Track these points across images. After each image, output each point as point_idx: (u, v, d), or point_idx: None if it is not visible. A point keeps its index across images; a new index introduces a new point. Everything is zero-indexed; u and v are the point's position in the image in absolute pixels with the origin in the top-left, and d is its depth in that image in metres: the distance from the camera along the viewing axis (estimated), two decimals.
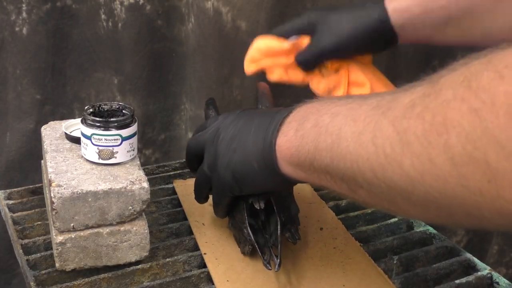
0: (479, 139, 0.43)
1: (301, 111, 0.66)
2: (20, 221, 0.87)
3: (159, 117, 1.28)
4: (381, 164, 0.51)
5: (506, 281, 0.78)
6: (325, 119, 0.60)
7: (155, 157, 1.30)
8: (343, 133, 0.56)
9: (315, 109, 0.63)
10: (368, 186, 0.54)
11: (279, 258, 0.72)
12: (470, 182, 0.44)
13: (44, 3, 1.13)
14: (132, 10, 1.17)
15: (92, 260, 0.75)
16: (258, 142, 0.67)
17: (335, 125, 0.58)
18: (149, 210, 0.88)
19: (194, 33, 1.20)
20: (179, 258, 0.79)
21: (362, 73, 0.87)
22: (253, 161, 0.68)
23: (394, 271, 0.81)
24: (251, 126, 0.70)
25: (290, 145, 0.64)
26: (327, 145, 0.58)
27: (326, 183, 0.61)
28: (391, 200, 0.53)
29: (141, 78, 1.22)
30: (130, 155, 0.79)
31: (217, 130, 0.74)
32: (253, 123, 0.70)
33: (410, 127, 0.48)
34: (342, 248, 0.81)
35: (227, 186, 0.73)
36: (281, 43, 0.88)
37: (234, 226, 0.79)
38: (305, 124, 0.63)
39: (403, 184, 0.49)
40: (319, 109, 0.62)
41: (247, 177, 0.70)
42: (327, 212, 0.89)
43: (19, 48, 1.14)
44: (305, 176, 0.64)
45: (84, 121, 0.77)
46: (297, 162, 0.64)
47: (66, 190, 0.72)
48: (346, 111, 0.58)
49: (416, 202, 0.50)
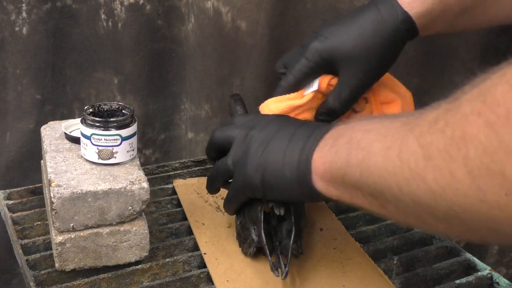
0: (496, 152, 0.43)
1: (338, 129, 0.66)
2: (20, 221, 0.87)
3: (159, 117, 1.28)
4: (406, 178, 0.51)
5: (506, 281, 0.78)
6: (358, 135, 0.60)
7: (155, 157, 1.30)
8: (373, 148, 0.57)
9: (351, 127, 0.63)
10: (396, 201, 0.55)
11: (287, 267, 0.72)
12: (488, 195, 0.44)
13: (44, 3, 1.13)
14: (132, 10, 1.17)
15: (92, 260, 0.75)
16: (295, 152, 0.67)
17: (366, 140, 0.58)
18: (149, 210, 0.88)
19: (194, 33, 1.20)
20: (179, 258, 0.79)
21: (388, 89, 0.84)
22: (286, 170, 0.68)
23: (394, 271, 0.81)
24: (288, 135, 0.69)
25: (324, 160, 0.64)
26: (358, 160, 0.59)
27: (357, 200, 0.61)
28: (417, 216, 0.53)
29: (141, 78, 1.22)
30: (130, 155, 0.78)
31: (250, 129, 0.73)
32: (291, 132, 0.70)
33: (433, 142, 0.49)
34: (342, 248, 0.81)
35: (250, 187, 0.72)
36: (296, 101, 0.80)
37: (243, 225, 0.79)
38: (340, 140, 0.63)
39: (427, 198, 0.50)
40: (354, 126, 0.63)
41: (276, 184, 0.69)
42: (327, 213, 0.89)
43: (19, 48, 1.14)
44: (336, 193, 0.64)
45: (83, 121, 0.77)
46: (330, 178, 0.64)
47: (66, 190, 0.72)
48: (378, 127, 0.58)
49: (441, 218, 0.51)
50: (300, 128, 0.70)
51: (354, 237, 0.84)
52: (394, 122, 0.57)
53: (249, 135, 0.73)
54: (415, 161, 0.50)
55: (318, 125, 0.69)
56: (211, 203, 0.90)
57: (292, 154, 0.68)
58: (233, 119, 0.78)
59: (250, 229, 0.77)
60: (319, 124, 0.70)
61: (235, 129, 0.75)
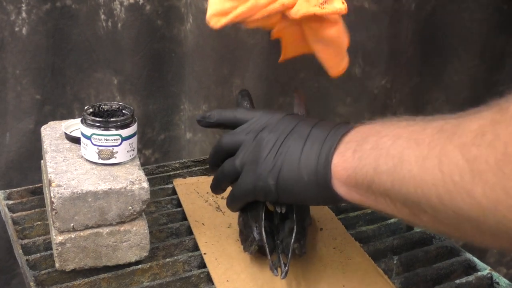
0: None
1: (360, 132, 0.64)
2: (20, 221, 0.87)
3: (158, 117, 1.28)
4: (448, 191, 0.50)
5: (506, 281, 0.78)
6: (386, 141, 0.58)
7: (154, 157, 1.30)
8: (406, 156, 0.55)
9: (375, 131, 0.62)
10: (434, 212, 0.53)
11: (287, 266, 0.71)
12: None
13: (44, 3, 1.13)
14: (131, 10, 1.17)
15: (92, 260, 0.75)
16: (312, 156, 0.66)
17: (396, 148, 0.57)
18: (149, 210, 0.88)
19: (193, 33, 1.20)
20: (179, 258, 0.79)
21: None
22: (304, 174, 0.66)
23: (394, 271, 0.81)
24: (303, 136, 0.68)
25: (347, 165, 0.63)
26: (388, 168, 0.57)
27: (385, 207, 0.60)
28: (458, 227, 0.52)
29: (141, 78, 1.22)
30: (130, 155, 0.78)
31: (259, 131, 0.71)
32: (306, 133, 0.68)
33: (481, 156, 0.47)
34: (342, 248, 0.81)
35: (263, 190, 0.70)
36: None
37: (245, 222, 0.78)
38: (364, 146, 0.61)
39: (474, 213, 0.48)
40: (379, 130, 0.61)
41: (293, 188, 0.68)
42: (327, 212, 0.89)
43: (19, 48, 1.14)
44: (359, 198, 0.63)
45: (84, 121, 0.77)
46: (354, 184, 0.62)
47: (66, 190, 0.72)
48: (408, 133, 0.56)
49: (487, 231, 0.49)
50: (314, 128, 0.68)
51: (354, 237, 0.84)
52: (426, 128, 0.55)
53: (259, 136, 0.71)
54: (459, 174, 0.48)
55: (333, 126, 0.67)
56: (211, 203, 0.90)
57: (309, 157, 0.66)
58: (240, 117, 0.75)
59: (252, 227, 0.76)
60: (334, 124, 0.68)
61: (243, 132, 0.73)
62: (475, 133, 0.48)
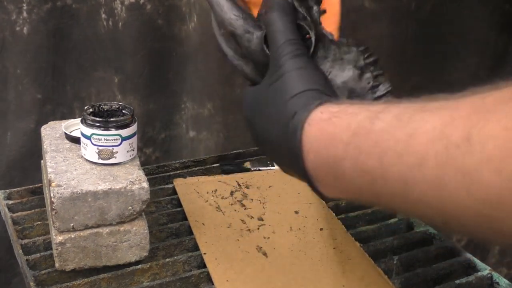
0: None
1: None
2: (20, 221, 0.87)
3: (159, 116, 1.28)
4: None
5: (506, 281, 0.78)
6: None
7: (155, 156, 1.30)
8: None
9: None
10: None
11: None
12: None
13: (45, 2, 1.13)
14: (132, 9, 1.17)
15: (92, 260, 0.75)
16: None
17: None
18: (149, 210, 0.88)
19: (196, 32, 1.20)
20: (179, 258, 0.79)
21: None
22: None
23: (394, 271, 0.81)
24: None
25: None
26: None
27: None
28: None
29: (142, 77, 1.22)
30: (130, 155, 0.78)
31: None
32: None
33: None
34: (342, 248, 0.81)
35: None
36: None
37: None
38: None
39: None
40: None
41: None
42: (327, 212, 0.89)
43: (19, 47, 1.14)
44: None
45: (84, 121, 0.77)
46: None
47: (66, 190, 0.72)
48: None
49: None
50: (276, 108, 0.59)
51: (354, 237, 0.84)
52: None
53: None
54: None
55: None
56: (211, 203, 0.90)
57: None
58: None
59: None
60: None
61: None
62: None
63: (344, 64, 0.63)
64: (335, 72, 0.63)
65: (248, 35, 0.65)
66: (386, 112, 0.47)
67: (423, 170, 0.42)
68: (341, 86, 0.62)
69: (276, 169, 0.99)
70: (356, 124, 0.49)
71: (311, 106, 0.54)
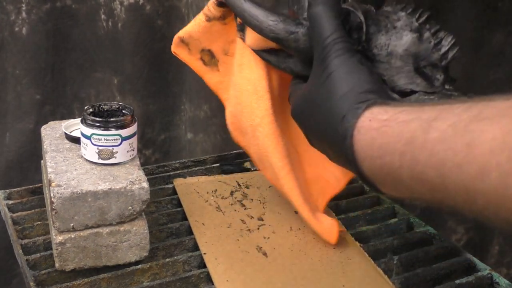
0: None
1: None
2: (20, 221, 0.87)
3: (159, 117, 1.28)
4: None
5: (506, 281, 0.78)
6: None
7: (155, 157, 1.30)
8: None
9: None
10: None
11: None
12: None
13: (44, 3, 1.13)
14: (132, 10, 1.17)
15: (92, 260, 0.75)
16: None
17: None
18: (149, 210, 0.88)
19: None
20: (179, 258, 0.79)
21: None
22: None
23: (394, 271, 0.81)
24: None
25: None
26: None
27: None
28: None
29: (141, 78, 1.22)
30: (130, 155, 0.78)
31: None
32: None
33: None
34: (342, 248, 0.81)
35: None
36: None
37: None
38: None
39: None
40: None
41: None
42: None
43: (18, 48, 1.14)
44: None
45: (84, 121, 0.77)
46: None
47: (66, 190, 0.72)
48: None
49: None
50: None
51: (354, 237, 0.84)
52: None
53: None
54: None
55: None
56: (211, 203, 0.90)
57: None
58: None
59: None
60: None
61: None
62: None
63: (400, 32, 0.62)
64: (393, 42, 0.61)
65: (293, 35, 0.63)
66: (439, 120, 0.46)
67: (486, 181, 0.42)
68: (404, 54, 0.61)
69: None
70: (409, 133, 0.48)
71: (359, 110, 0.54)
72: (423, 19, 0.62)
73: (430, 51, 0.61)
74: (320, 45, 0.60)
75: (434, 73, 0.61)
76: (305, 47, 0.63)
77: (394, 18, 0.62)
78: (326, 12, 0.60)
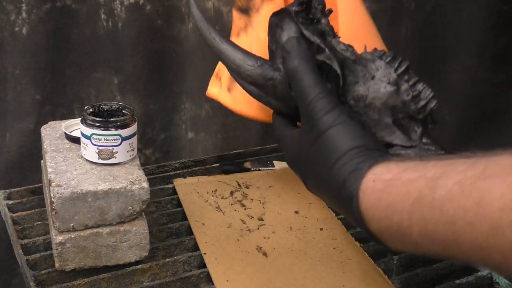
0: None
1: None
2: (20, 221, 0.87)
3: (159, 117, 1.28)
4: None
5: (506, 281, 0.78)
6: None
7: (155, 157, 1.30)
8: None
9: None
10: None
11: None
12: None
13: (44, 3, 1.13)
14: (132, 10, 1.17)
15: (91, 260, 0.75)
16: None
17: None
18: (149, 210, 0.88)
19: (194, 33, 1.20)
20: (179, 258, 0.79)
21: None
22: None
23: (394, 271, 0.81)
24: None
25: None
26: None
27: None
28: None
29: (141, 78, 1.22)
30: (130, 155, 0.78)
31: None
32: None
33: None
34: (342, 248, 0.81)
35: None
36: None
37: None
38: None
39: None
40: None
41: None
42: (327, 212, 0.89)
43: (19, 48, 1.14)
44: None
45: (84, 121, 0.77)
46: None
47: (66, 190, 0.72)
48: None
49: None
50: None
51: (354, 237, 0.84)
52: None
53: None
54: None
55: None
56: (211, 203, 0.90)
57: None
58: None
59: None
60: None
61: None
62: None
63: (378, 83, 0.61)
64: (371, 95, 0.60)
65: (271, 82, 0.63)
66: (444, 178, 0.46)
67: (499, 239, 0.42)
68: (382, 107, 0.60)
69: (276, 169, 0.99)
70: (416, 192, 0.48)
71: (361, 171, 0.53)
72: (402, 69, 0.61)
73: (408, 104, 0.60)
74: (304, 102, 0.58)
75: (412, 125, 0.61)
76: (283, 93, 0.63)
77: (372, 67, 0.61)
78: (303, 67, 0.59)
